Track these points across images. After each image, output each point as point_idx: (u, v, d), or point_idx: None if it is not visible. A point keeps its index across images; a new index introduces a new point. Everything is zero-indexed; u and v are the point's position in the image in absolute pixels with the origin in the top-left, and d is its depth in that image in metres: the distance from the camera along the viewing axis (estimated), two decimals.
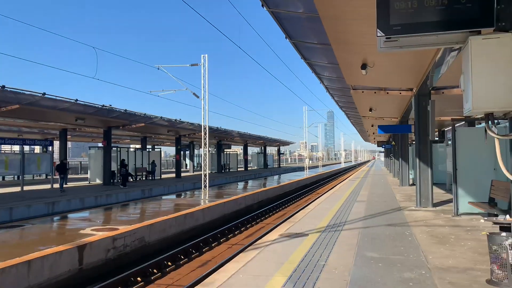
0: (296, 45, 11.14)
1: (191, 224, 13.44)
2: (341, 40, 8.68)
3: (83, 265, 8.59)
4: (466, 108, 3.87)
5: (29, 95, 16.68)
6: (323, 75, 15.12)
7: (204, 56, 19.89)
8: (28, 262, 7.28)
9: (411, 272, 5.95)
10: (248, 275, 5.96)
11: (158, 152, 37.04)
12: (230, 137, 43.97)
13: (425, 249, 7.33)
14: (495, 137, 3.71)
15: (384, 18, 3.80)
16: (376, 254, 7.02)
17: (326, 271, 6.09)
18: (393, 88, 14.63)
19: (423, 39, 3.89)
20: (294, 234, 8.97)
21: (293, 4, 8.29)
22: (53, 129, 29.14)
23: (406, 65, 10.68)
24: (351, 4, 6.54)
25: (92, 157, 30.10)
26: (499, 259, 4.06)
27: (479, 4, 3.59)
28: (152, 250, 11.11)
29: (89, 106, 20.29)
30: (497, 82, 3.60)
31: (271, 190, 23.57)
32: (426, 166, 13.12)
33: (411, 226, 9.66)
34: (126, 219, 12.19)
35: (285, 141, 66.15)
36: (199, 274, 9.28)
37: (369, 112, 20.53)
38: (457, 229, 9.25)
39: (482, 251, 7.09)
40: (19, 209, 15.56)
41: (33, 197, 18.72)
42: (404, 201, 14.84)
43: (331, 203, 14.90)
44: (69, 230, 10.40)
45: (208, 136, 20.97)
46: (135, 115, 24.04)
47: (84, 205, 18.73)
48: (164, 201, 17.31)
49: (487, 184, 10.23)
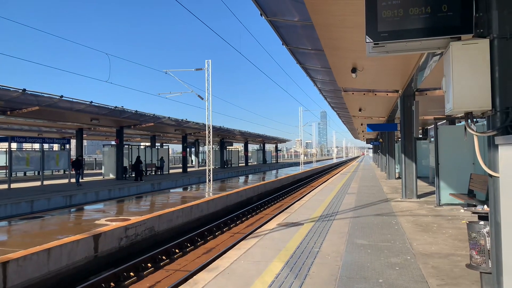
0: (292, 51, 11.12)
1: (197, 214, 13.44)
2: (333, 46, 8.66)
3: (98, 252, 8.59)
4: (447, 108, 3.87)
5: (47, 98, 16.65)
6: (317, 78, 15.09)
7: (208, 61, 19.85)
8: (48, 250, 7.28)
9: (397, 257, 5.96)
10: (249, 261, 5.96)
11: (166, 149, 36.99)
12: (232, 135, 43.92)
13: (410, 237, 7.34)
14: (474, 134, 3.70)
15: (373, 25, 3.79)
16: (365, 241, 7.03)
17: (320, 256, 6.09)
18: (381, 90, 14.62)
19: (408, 44, 3.88)
20: (290, 224, 8.98)
21: (289, 13, 8.27)
22: (70, 129, 29.11)
23: (392, 68, 10.67)
24: (342, 13, 6.53)
25: (106, 154, 30.09)
26: (478, 245, 4.06)
27: (459, 12, 3.58)
28: (161, 238, 11.12)
29: (103, 107, 20.26)
30: (476, 84, 3.59)
31: (269, 184, 23.57)
32: (411, 161, 13.12)
33: (397, 216, 9.67)
34: (137, 210, 12.19)
35: (282, 139, 66.07)
36: (204, 260, 9.29)
37: (359, 112, 20.53)
38: (439, 218, 9.26)
39: (462, 238, 7.11)
40: (40, 201, 15.55)
41: (52, 190, 18.71)
42: (391, 193, 14.84)
43: (324, 195, 14.90)
44: (85, 221, 10.40)
45: (211, 135, 20.95)
46: (145, 115, 24.00)
47: (98, 198, 18.72)
48: (172, 194, 17.30)
49: (466, 177, 10.24)
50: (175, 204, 13.22)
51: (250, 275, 5.29)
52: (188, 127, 31.22)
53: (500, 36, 3.49)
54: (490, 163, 3.63)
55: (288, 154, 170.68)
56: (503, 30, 3.49)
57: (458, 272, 5.20)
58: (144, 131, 31.10)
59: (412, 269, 5.37)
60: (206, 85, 19.91)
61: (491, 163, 3.61)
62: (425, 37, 3.70)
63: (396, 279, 4.96)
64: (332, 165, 64.20)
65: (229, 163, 51.12)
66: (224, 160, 47.08)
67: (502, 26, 3.49)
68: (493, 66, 3.55)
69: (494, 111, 3.55)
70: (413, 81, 11.63)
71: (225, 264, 5.82)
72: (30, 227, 9.59)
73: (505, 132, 3.46)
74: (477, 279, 4.84)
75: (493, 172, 3.54)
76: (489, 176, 3.65)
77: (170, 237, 11.49)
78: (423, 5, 3.65)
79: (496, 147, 3.49)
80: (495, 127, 3.53)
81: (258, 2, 7.71)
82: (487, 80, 3.57)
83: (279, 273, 5.34)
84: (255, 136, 49.98)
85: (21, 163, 24.22)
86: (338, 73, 11.41)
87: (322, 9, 6.38)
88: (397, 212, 10.32)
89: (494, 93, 3.55)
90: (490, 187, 3.66)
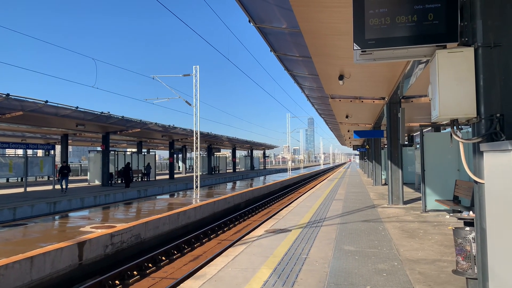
0: (280, 57, 11.16)
1: (184, 221, 13.32)
2: (321, 53, 8.73)
3: (82, 260, 8.42)
4: (433, 115, 3.91)
5: (32, 103, 16.36)
6: (304, 85, 15.18)
7: (195, 67, 19.81)
8: (31, 258, 7.11)
9: (385, 263, 5.98)
10: (236, 268, 5.91)
11: (153, 155, 36.69)
12: (220, 141, 43.80)
13: (397, 243, 7.38)
14: (460, 141, 3.75)
15: (360, 33, 3.83)
16: (352, 248, 7.04)
17: (307, 263, 6.08)
18: (367, 97, 14.76)
19: (395, 52, 3.93)
20: (278, 230, 8.95)
21: (277, 20, 8.31)
22: (55, 134, 28.66)
23: (379, 76, 10.79)
24: (330, 21, 6.58)
25: (91, 160, 29.69)
26: (464, 251, 4.10)
27: (445, 21, 3.64)
28: (148, 245, 10.97)
29: (88, 113, 20.00)
30: (461, 91, 3.65)
31: (257, 190, 23.52)
32: (397, 168, 13.25)
33: (384, 222, 9.73)
34: (123, 217, 12.01)
35: (270, 145, 66.14)
36: (191, 267, 9.19)
37: (346, 118, 20.68)
38: (425, 224, 9.34)
39: (448, 244, 7.17)
40: (23, 208, 15.22)
41: (36, 197, 18.34)
42: (378, 199, 14.94)
43: (312, 201, 14.93)
44: (69, 228, 10.20)
45: (199, 141, 20.85)
46: (132, 121, 23.78)
47: (83, 205, 18.42)
48: (159, 201, 17.13)
49: (451, 183, 10.37)
50: (161, 211, 13.08)
51: (237, 282, 5.24)
52: (175, 133, 31.04)
53: (484, 44, 3.56)
54: (475, 169, 3.68)
55: (276, 160, 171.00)
56: (487, 39, 3.56)
57: (444, 277, 5.23)
58: (131, 137, 30.80)
59: (399, 275, 5.39)
60: (194, 91, 19.85)
61: (476, 169, 3.66)
62: (411, 45, 3.75)
63: (383, 285, 4.97)
64: (319, 171, 64.49)
65: (217, 169, 50.93)
66: (211, 167, 46.88)
67: (486, 35, 3.56)
68: (477, 74, 3.62)
69: (479, 118, 3.60)
70: (399, 89, 11.78)
71: (212, 272, 5.76)
72: (13, 235, 9.36)
73: (490, 139, 3.51)
74: (463, 285, 4.88)
75: (479, 178, 3.59)
76: (474, 182, 3.70)
77: (157, 244, 11.35)
78: (409, 14, 3.70)
79: (481, 154, 3.54)
80: (480, 134, 3.58)
81: (247, 9, 7.73)
82: (472, 88, 3.63)
83: (266, 280, 5.30)
84: (242, 142, 49.94)
85: (3, 169, 23.69)
86: (325, 80, 11.49)
87: (310, 17, 6.43)
88: (384, 218, 10.38)
89: (479, 100, 3.61)
90: (476, 194, 3.70)
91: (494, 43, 3.54)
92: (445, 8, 3.64)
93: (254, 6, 7.67)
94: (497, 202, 3.19)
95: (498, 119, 3.49)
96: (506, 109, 3.50)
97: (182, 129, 29.55)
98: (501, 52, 3.53)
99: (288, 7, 6.57)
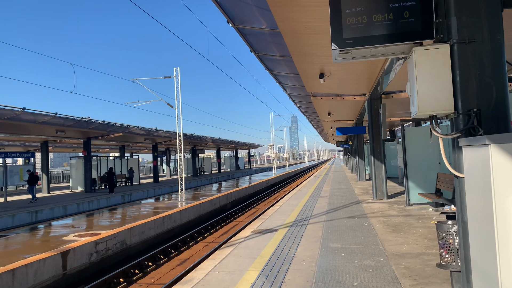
0: (261, 57, 11.16)
1: (170, 225, 13.19)
2: (301, 52, 8.75)
3: (67, 270, 8.25)
4: (412, 111, 3.95)
5: (9, 110, 15.96)
6: (286, 84, 15.21)
7: (176, 69, 19.64)
8: (12, 271, 6.93)
9: (371, 259, 6.03)
10: (223, 271, 5.88)
11: (136, 159, 36.27)
12: (204, 143, 43.57)
13: (382, 238, 7.46)
14: (439, 136, 3.80)
15: (338, 32, 3.84)
16: (339, 245, 7.08)
17: (294, 263, 6.08)
18: (348, 94, 14.89)
19: (373, 50, 3.95)
20: (265, 230, 8.95)
21: (257, 21, 8.29)
22: (35, 142, 28.03)
23: (359, 73, 10.88)
24: (308, 20, 6.60)
25: (73, 167, 29.17)
26: (447, 244, 4.16)
27: (420, 19, 3.67)
28: (134, 251, 10.83)
29: (68, 118, 19.63)
30: (438, 87, 3.69)
31: (243, 190, 23.49)
32: (380, 163, 13.40)
33: (369, 217, 9.82)
34: (108, 224, 11.83)
35: (254, 144, 66.15)
36: (178, 272, 9.11)
37: (328, 116, 20.83)
38: (409, 218, 9.47)
39: (432, 237, 7.28)
40: (3, 219, 14.84)
41: (17, 206, 17.90)
42: (362, 195, 15.09)
43: (297, 199, 14.98)
44: (52, 237, 9.98)
45: (183, 143, 20.69)
46: (113, 125, 23.44)
47: (66, 213, 18.08)
48: (144, 205, 16.93)
49: (433, 176, 10.55)
50: (147, 216, 12.92)
51: (225, 286, 5.20)
52: (158, 136, 30.74)
53: (460, 41, 3.60)
54: (455, 164, 3.73)
55: (261, 159, 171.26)
56: (462, 35, 3.60)
57: (429, 271, 5.31)
58: (113, 141, 30.36)
59: (385, 270, 5.44)
60: (176, 93, 19.68)
61: (456, 164, 3.71)
62: (388, 43, 3.77)
63: (370, 281, 5.01)
64: (304, 168, 64.82)
65: (202, 170, 50.68)
66: (196, 168, 46.61)
67: (460, 31, 3.60)
68: (454, 70, 3.66)
69: (456, 113, 3.65)
70: (379, 85, 11.91)
71: (199, 276, 5.71)
72: None
73: (468, 134, 3.56)
74: (447, 277, 4.95)
75: (458, 173, 3.64)
76: (455, 176, 3.75)
77: (143, 249, 11.21)
78: (385, 12, 3.72)
79: (460, 148, 3.59)
80: (459, 129, 3.63)
81: (225, 11, 7.69)
82: (449, 84, 3.68)
83: (254, 282, 5.28)
84: (227, 143, 49.80)
85: None
86: (306, 79, 11.54)
87: (289, 17, 6.43)
88: (368, 213, 10.49)
89: (456, 96, 3.65)
90: (456, 188, 3.75)
91: (469, 39, 3.59)
92: (420, 6, 3.67)
93: (233, 7, 7.64)
94: (477, 196, 3.24)
95: (475, 114, 3.54)
96: (483, 104, 3.55)
97: (165, 131, 29.28)
98: (475, 48, 3.58)
99: (267, 8, 6.56)
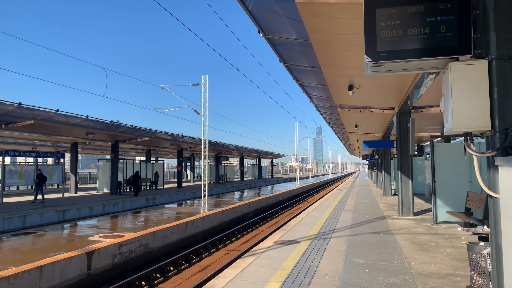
0: (289, 67, 11.19)
1: (192, 231, 13.29)
2: (330, 64, 8.72)
3: (91, 270, 8.42)
4: (446, 127, 3.86)
5: (43, 111, 16.57)
6: (313, 94, 15.17)
7: (204, 76, 19.93)
8: (40, 268, 7.13)
9: (396, 277, 5.88)
10: (245, 281, 5.86)
11: (161, 163, 36.81)
12: (228, 150, 43.84)
13: (408, 256, 7.27)
14: (474, 154, 3.69)
15: (372, 45, 3.81)
16: (363, 260, 6.94)
17: (317, 276, 6.00)
18: (377, 107, 14.70)
19: (407, 64, 3.90)
20: (287, 241, 8.88)
21: (287, 31, 8.34)
22: (65, 143, 28.94)
23: (389, 86, 10.74)
24: (340, 32, 6.58)
25: (100, 168, 29.86)
26: (478, 266, 4.01)
27: (457, 33, 3.61)
28: (156, 255, 10.95)
29: (98, 121, 20.19)
30: (475, 104, 3.60)
31: (265, 200, 23.44)
32: (407, 178, 13.11)
33: (394, 234, 9.60)
34: (132, 226, 12.02)
35: (277, 154, 66.06)
36: (199, 278, 9.14)
37: (355, 128, 20.59)
38: (436, 236, 9.20)
39: (461, 257, 7.04)
40: (33, 216, 15.33)
41: (45, 205, 18.46)
42: (387, 210, 14.78)
43: (320, 211, 14.81)
44: (78, 237, 10.23)
45: (207, 149, 20.88)
46: (141, 130, 23.94)
47: (92, 213, 18.50)
48: (167, 210, 17.13)
49: (463, 195, 10.23)
50: (170, 220, 13.06)
51: None
52: (184, 142, 31.15)
53: (498, 57, 3.52)
54: (490, 183, 3.61)
55: (284, 169, 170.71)
56: (501, 52, 3.52)
57: None
58: (140, 145, 30.98)
59: None
60: (203, 100, 19.94)
61: (491, 183, 3.59)
62: (423, 57, 3.72)
63: None
64: (328, 180, 64.13)
65: (225, 178, 50.91)
66: (219, 175, 46.89)
67: (500, 47, 3.52)
68: (491, 87, 3.57)
69: (493, 131, 3.55)
70: (409, 99, 11.71)
71: (221, 284, 5.71)
72: (22, 244, 9.41)
73: (505, 153, 3.45)
74: None
75: (494, 193, 3.52)
76: (489, 197, 3.63)
77: (165, 254, 11.32)
78: (421, 26, 3.68)
79: (496, 167, 3.48)
80: (495, 148, 3.52)
81: (257, 20, 7.77)
82: (486, 101, 3.58)
83: None
84: (250, 151, 49.93)
85: (14, 177, 24.01)
86: (334, 90, 11.47)
87: (321, 28, 6.43)
88: (394, 230, 10.25)
89: (493, 113, 3.55)
90: (490, 208, 3.63)
91: (508, 55, 3.50)
92: (458, 21, 3.61)
93: (264, 17, 7.72)
94: None
95: None
96: None
97: (190, 137, 29.66)
98: None
99: (298, 19, 6.59)
